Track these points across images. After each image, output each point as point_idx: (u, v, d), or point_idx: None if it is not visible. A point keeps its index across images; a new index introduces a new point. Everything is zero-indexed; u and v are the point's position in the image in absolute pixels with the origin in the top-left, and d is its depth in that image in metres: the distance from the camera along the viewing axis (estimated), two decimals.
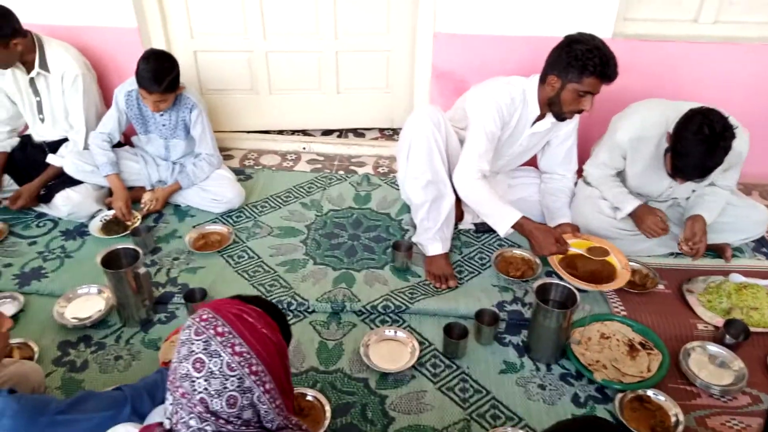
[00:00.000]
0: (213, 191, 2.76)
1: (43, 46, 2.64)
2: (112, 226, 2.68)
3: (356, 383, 1.94)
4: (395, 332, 2.12)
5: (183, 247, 2.58)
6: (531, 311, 2.08)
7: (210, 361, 1.09)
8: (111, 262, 2.11)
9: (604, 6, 2.65)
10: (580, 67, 2.10)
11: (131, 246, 2.16)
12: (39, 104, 2.75)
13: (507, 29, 2.75)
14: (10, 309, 2.21)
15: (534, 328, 2.03)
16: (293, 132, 3.48)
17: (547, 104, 2.29)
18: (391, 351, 2.06)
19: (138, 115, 2.73)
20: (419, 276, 2.42)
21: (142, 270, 2.09)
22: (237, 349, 1.10)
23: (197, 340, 1.12)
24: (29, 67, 2.65)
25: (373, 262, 2.50)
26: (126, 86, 2.68)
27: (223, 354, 1.09)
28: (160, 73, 2.47)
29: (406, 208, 2.80)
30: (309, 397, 1.84)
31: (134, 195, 2.80)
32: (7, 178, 2.81)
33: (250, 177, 3.07)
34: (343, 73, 3.26)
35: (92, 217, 2.71)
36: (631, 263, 2.35)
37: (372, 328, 2.17)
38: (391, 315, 2.23)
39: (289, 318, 2.19)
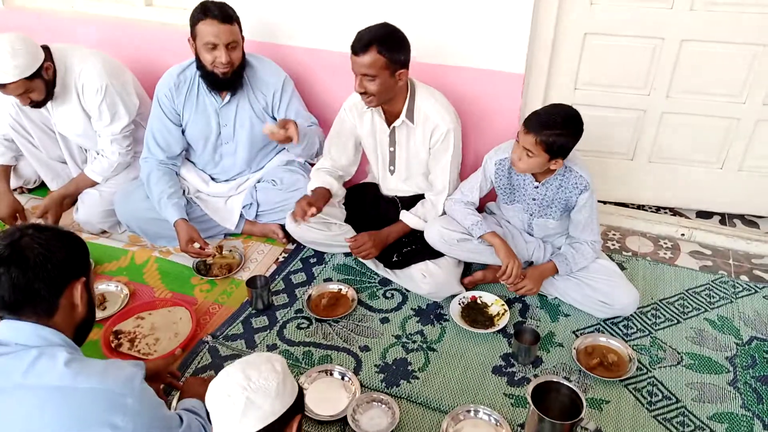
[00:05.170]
0: (603, 290, 2.16)
1: (414, 95, 2.23)
2: (475, 315, 2.21)
3: None
4: None
5: (569, 362, 2.02)
6: None
7: None
8: (538, 394, 1.60)
9: None
10: None
11: (565, 382, 1.63)
12: (392, 155, 2.38)
13: None
14: (383, 420, 1.80)
15: None
16: (657, 209, 2.80)
17: None
18: None
19: (506, 185, 2.23)
20: None
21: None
22: None
23: None
24: (392, 117, 2.27)
25: None
26: (497, 154, 2.21)
27: None
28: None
29: None
30: None
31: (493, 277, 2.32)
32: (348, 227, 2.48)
33: (623, 267, 2.44)
34: (756, 146, 2.50)
35: (451, 297, 2.27)
36: None
37: None
38: None
39: None
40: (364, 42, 2.04)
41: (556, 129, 1.94)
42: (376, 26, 2.09)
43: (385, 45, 2.04)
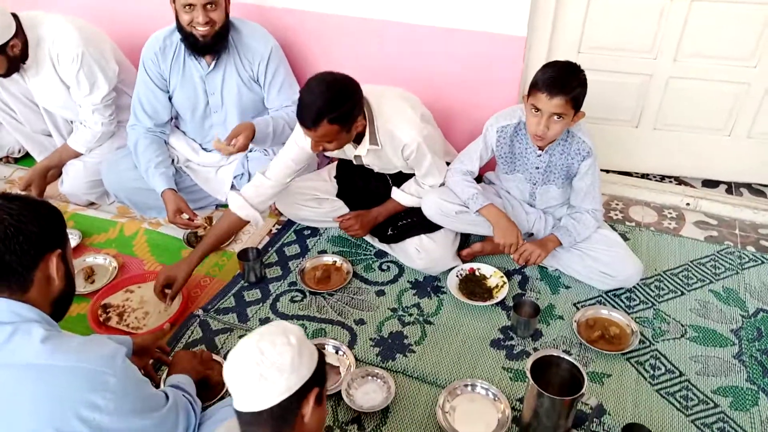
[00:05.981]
0: (605, 261, 2.09)
1: (374, 119, 2.02)
2: (473, 287, 2.15)
3: None
4: None
5: (570, 336, 1.97)
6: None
7: None
8: (537, 368, 1.54)
9: None
10: None
11: (566, 356, 1.57)
12: (367, 165, 2.23)
13: None
14: (378, 395, 1.76)
15: None
16: (662, 178, 2.72)
17: None
18: None
19: (508, 153, 2.15)
20: None
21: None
22: None
23: None
24: (357, 138, 2.06)
25: None
26: (498, 121, 2.11)
27: None
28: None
29: None
30: None
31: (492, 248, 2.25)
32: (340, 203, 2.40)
33: (626, 238, 2.37)
34: (766, 113, 2.41)
35: (448, 270, 2.21)
36: None
37: None
38: None
39: None
40: (312, 118, 1.84)
41: (575, 81, 1.88)
42: (318, 92, 1.84)
43: (334, 112, 1.84)
